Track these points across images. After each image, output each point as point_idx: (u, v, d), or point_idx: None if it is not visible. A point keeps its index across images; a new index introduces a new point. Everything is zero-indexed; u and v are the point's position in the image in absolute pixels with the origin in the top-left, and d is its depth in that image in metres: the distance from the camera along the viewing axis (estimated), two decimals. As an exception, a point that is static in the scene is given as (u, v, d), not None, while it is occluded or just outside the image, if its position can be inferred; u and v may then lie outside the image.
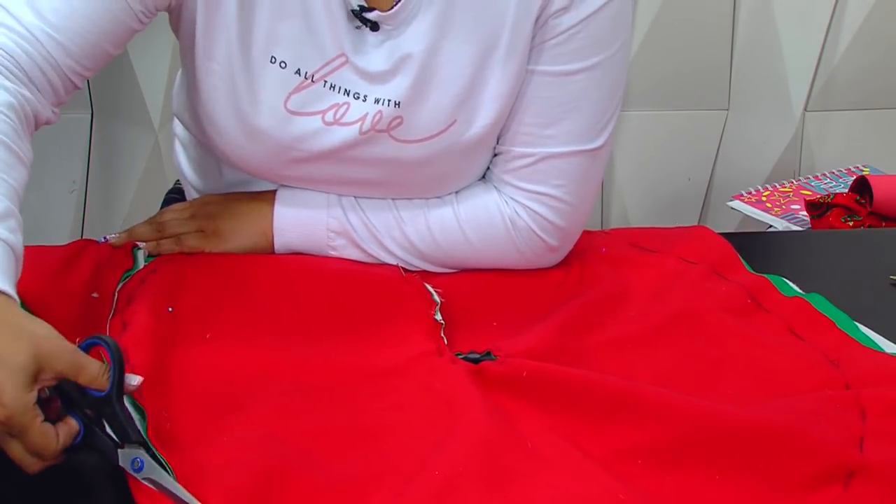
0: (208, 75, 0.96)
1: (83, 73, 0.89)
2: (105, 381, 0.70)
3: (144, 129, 2.03)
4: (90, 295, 0.90)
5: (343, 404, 0.82)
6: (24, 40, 0.85)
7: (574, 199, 1.02)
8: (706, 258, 1.06)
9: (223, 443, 0.76)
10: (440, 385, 0.83)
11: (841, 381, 0.88)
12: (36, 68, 0.86)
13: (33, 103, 0.85)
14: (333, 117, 0.96)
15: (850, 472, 0.76)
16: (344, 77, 0.96)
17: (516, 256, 1.04)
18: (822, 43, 2.05)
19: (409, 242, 1.02)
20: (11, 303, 0.70)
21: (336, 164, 0.99)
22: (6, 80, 0.83)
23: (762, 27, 2.05)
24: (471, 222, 1.02)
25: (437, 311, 0.93)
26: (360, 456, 0.76)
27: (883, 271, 1.11)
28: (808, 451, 0.77)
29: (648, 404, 0.81)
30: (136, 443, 0.71)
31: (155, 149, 2.04)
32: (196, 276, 0.96)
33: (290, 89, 0.95)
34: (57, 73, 0.87)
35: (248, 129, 0.97)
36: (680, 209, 2.20)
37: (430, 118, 0.97)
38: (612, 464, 0.77)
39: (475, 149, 1.00)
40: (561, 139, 1.00)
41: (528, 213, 1.02)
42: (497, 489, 0.73)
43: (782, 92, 2.10)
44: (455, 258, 1.04)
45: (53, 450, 0.68)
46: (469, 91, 0.97)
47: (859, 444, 0.79)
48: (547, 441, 0.79)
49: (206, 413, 0.79)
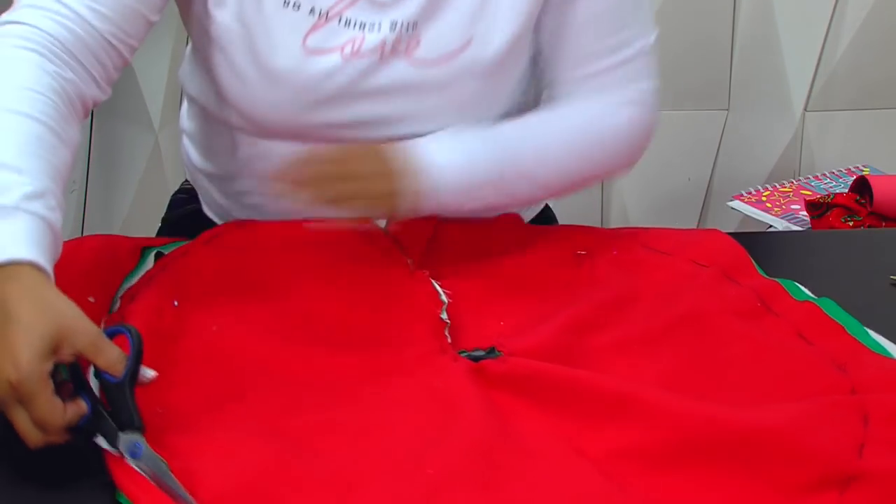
0: (224, 32, 0.96)
1: (127, 41, 0.90)
2: (122, 367, 0.71)
3: (144, 129, 2.03)
4: (87, 299, 0.88)
5: (342, 400, 0.82)
6: (63, 18, 0.86)
7: (654, 96, 1.07)
8: (718, 261, 1.05)
9: (220, 434, 0.76)
10: (439, 383, 0.83)
11: (847, 386, 0.87)
12: (80, 44, 0.86)
13: (76, 85, 0.86)
14: (351, 50, 0.96)
15: (848, 478, 0.76)
16: (358, 9, 0.96)
17: (636, 155, 1.09)
18: (822, 43, 2.05)
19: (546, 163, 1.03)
20: (44, 277, 0.71)
21: (359, 100, 0.98)
22: (48, 63, 0.84)
23: (762, 27, 2.05)
24: (591, 128, 1.05)
25: (444, 309, 0.93)
26: (356, 452, 0.76)
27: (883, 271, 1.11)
28: (805, 455, 0.77)
29: (647, 405, 0.81)
30: (137, 430, 0.72)
31: (155, 149, 2.04)
32: (205, 270, 0.95)
33: (306, 29, 0.96)
34: (100, 45, 0.88)
35: (268, 74, 0.97)
36: (680, 209, 2.20)
37: (445, 36, 0.97)
38: (608, 464, 0.77)
39: (497, 70, 1.00)
40: (629, 39, 1.03)
41: (637, 109, 1.06)
42: (490, 487, 0.73)
43: (782, 92, 2.10)
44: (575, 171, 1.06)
45: (59, 424, 0.68)
46: (483, 6, 0.97)
47: (859, 451, 0.79)
48: (544, 440, 0.79)
49: (205, 404, 0.79)
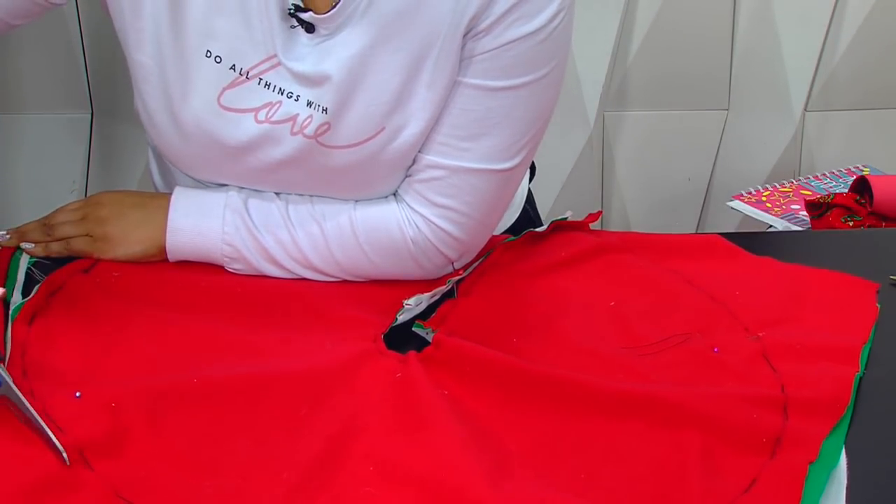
0: (140, 69, 0.95)
1: None
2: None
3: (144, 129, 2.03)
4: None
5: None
6: None
7: (480, 215, 1.01)
8: None
9: None
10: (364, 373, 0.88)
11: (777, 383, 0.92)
12: None
13: None
14: (266, 116, 0.95)
15: (754, 478, 0.80)
16: (278, 76, 0.95)
17: (417, 270, 1.03)
18: (822, 43, 2.05)
19: (306, 259, 1.00)
20: None
21: (264, 164, 0.98)
22: None
23: (762, 27, 2.05)
24: (368, 235, 1.00)
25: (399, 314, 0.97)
26: None
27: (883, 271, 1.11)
28: None
29: (565, 385, 0.87)
30: None
31: (155, 149, 2.04)
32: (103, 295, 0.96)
33: (224, 84, 0.94)
34: None
35: (179, 124, 0.96)
36: (680, 209, 2.20)
37: (357, 125, 0.96)
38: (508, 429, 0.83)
39: (403, 158, 0.99)
40: (477, 154, 0.98)
41: (431, 228, 1.00)
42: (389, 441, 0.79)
43: (782, 92, 2.10)
44: (354, 272, 1.03)
45: None
46: (398, 100, 0.95)
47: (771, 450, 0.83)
48: (439, 405, 0.83)
49: None
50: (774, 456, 0.82)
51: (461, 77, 0.96)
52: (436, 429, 0.80)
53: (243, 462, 0.76)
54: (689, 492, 0.78)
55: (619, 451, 0.82)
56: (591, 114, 2.00)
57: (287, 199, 1.01)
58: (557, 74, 0.98)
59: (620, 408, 0.85)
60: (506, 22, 0.93)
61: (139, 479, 0.73)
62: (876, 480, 0.83)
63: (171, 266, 1.00)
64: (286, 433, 0.80)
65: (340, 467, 0.77)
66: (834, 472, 0.82)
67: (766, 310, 1.04)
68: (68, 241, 1.00)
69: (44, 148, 1.74)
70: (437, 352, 0.91)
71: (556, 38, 0.96)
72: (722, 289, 1.07)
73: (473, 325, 0.97)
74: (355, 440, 0.79)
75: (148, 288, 0.97)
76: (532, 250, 1.11)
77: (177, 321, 0.92)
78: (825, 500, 0.79)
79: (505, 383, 0.87)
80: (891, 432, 0.89)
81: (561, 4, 0.95)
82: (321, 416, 0.82)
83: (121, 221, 1.00)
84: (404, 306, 0.97)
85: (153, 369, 0.85)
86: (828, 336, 1.00)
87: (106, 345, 0.87)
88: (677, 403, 0.86)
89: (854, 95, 2.12)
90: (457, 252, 1.03)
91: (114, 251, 0.99)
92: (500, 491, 0.74)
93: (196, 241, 0.99)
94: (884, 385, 0.94)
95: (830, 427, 0.86)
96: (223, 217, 0.99)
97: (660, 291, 1.06)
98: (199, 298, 0.96)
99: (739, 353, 0.96)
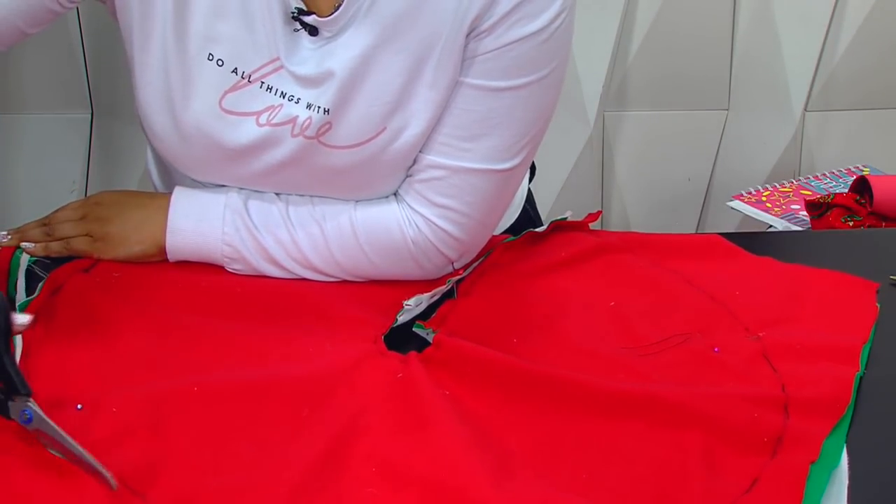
0: (143, 70, 0.95)
1: None
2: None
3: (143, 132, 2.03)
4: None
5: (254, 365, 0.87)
6: None
7: (481, 215, 1.01)
8: None
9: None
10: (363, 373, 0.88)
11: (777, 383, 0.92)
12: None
13: None
14: (267, 119, 0.96)
15: (756, 478, 0.80)
16: (280, 79, 0.95)
17: (417, 271, 1.03)
18: (822, 43, 2.05)
19: (306, 260, 1.00)
20: None
21: (265, 166, 0.98)
22: None
23: (762, 27, 2.05)
24: (369, 236, 1.00)
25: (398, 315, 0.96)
26: None
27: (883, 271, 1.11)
28: None
29: (565, 385, 0.87)
30: (25, 395, 0.71)
31: (155, 149, 2.04)
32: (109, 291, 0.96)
33: (226, 87, 0.94)
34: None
35: (179, 127, 0.96)
36: (680, 209, 2.20)
37: (358, 125, 0.96)
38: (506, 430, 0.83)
39: (403, 158, 0.99)
40: (478, 155, 0.98)
41: (431, 229, 1.00)
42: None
43: (782, 92, 2.10)
44: (354, 272, 1.02)
45: None
46: (399, 100, 0.96)
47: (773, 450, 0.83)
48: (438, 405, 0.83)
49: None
50: (775, 456, 0.82)
51: (463, 77, 0.97)
52: (437, 429, 0.80)
53: (245, 463, 0.76)
54: (691, 492, 0.78)
55: (619, 451, 0.82)
56: (591, 114, 2.00)
57: (287, 199, 1.02)
58: (558, 75, 0.99)
59: (621, 408, 0.85)
60: (508, 22, 0.93)
61: (147, 480, 0.74)
62: (877, 480, 0.83)
63: (171, 266, 1.00)
64: (288, 434, 0.80)
65: (342, 468, 0.77)
66: (835, 472, 0.82)
67: (767, 310, 1.04)
68: (68, 240, 1.00)
69: (44, 148, 1.74)
70: (438, 352, 0.91)
71: (558, 39, 0.96)
72: (722, 289, 1.07)
73: (474, 326, 0.97)
74: (357, 441, 0.79)
75: (148, 288, 0.97)
76: (532, 250, 1.11)
77: (177, 321, 0.92)
78: (826, 500, 0.79)
79: (505, 383, 0.87)
80: (891, 432, 0.89)
81: (563, 5, 0.95)
82: (323, 416, 0.82)
83: (121, 221, 1.00)
84: (404, 307, 0.97)
85: (153, 370, 0.85)
86: (828, 336, 1.00)
87: (106, 345, 0.87)
88: (678, 403, 0.86)
89: (854, 95, 2.12)
90: (457, 252, 1.03)
91: (114, 251, 0.99)
92: (501, 491, 0.74)
93: (196, 241, 0.99)
94: (884, 385, 0.94)
95: (831, 427, 0.86)
96: (223, 217, 0.99)
97: (660, 291, 1.06)
98: (199, 299, 0.96)
99: (740, 353, 0.96)
